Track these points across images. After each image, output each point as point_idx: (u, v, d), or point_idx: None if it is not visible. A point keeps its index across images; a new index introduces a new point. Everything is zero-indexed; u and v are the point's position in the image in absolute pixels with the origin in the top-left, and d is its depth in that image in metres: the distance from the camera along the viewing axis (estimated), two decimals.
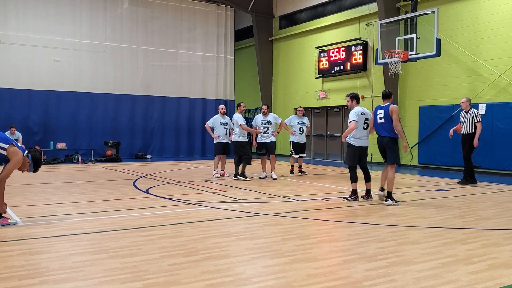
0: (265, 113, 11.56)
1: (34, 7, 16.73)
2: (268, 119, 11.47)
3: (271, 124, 11.44)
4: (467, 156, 10.57)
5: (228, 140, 11.65)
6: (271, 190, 9.27)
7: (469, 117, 10.49)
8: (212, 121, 11.77)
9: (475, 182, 10.57)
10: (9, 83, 16.34)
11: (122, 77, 18.46)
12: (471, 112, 10.49)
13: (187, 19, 19.91)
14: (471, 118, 10.43)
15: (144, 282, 3.69)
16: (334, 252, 4.77)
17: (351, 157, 7.96)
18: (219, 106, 12.05)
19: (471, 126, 10.44)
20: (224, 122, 11.61)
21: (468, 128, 10.48)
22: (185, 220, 6.15)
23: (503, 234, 5.56)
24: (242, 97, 23.05)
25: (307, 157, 18.28)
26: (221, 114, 11.69)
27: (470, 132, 10.44)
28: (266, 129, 11.43)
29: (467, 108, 10.60)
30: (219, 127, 11.60)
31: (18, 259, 4.27)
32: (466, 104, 10.61)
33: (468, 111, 10.57)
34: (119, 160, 17.11)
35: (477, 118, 10.39)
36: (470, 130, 10.45)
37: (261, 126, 11.45)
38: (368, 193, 8.06)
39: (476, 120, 10.39)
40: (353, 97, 8.07)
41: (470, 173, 10.62)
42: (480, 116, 10.49)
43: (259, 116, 11.63)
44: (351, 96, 8.09)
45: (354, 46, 17.41)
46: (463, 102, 10.67)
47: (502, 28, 13.08)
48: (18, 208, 6.95)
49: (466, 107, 10.61)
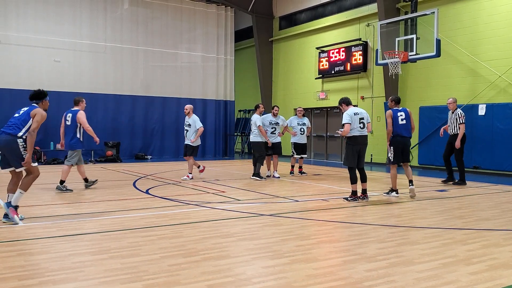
0: (275, 114, 11.77)
1: (34, 7, 16.73)
2: (277, 121, 11.72)
3: (278, 126, 11.71)
4: (457, 158, 10.60)
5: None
6: (271, 191, 9.27)
7: (454, 118, 10.52)
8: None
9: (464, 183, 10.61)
10: (9, 84, 16.32)
11: (122, 77, 18.45)
12: (456, 113, 10.51)
13: (187, 20, 19.91)
14: (456, 119, 10.47)
15: (144, 282, 3.69)
16: (334, 253, 4.77)
17: (350, 157, 8.00)
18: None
19: (456, 126, 10.47)
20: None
21: (454, 128, 10.53)
22: (185, 221, 6.15)
23: (503, 235, 5.56)
24: (242, 97, 23.10)
25: (307, 158, 18.29)
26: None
27: (456, 133, 10.47)
28: (273, 130, 11.63)
29: (454, 108, 10.62)
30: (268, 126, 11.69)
31: (18, 260, 4.27)
32: (452, 105, 10.62)
33: (454, 111, 10.59)
34: (119, 161, 17.11)
35: (460, 120, 10.39)
36: (455, 131, 10.49)
37: (269, 126, 11.61)
38: (364, 193, 8.09)
39: (460, 122, 10.39)
40: (341, 102, 8.30)
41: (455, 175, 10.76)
42: (464, 118, 10.48)
43: (269, 115, 11.77)
44: (340, 102, 8.35)
45: (354, 47, 17.41)
46: (449, 102, 10.68)
47: (502, 28, 13.09)
48: (18, 209, 6.93)
49: (452, 107, 10.63)
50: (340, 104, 8.31)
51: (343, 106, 8.22)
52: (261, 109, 11.55)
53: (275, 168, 11.78)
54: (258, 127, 11.22)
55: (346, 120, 7.92)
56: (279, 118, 11.81)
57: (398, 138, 8.51)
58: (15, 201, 5.96)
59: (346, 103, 8.21)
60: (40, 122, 5.95)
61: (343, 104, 8.22)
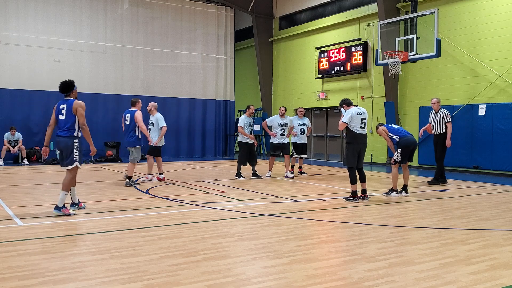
0: (282, 115, 11.83)
1: (34, 8, 16.74)
2: (285, 121, 11.81)
3: (287, 126, 11.82)
4: (440, 157, 10.69)
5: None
6: (271, 191, 9.27)
7: (439, 118, 10.57)
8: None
9: (445, 181, 10.73)
10: (10, 84, 16.34)
11: (122, 77, 18.46)
12: (441, 113, 10.55)
13: (187, 20, 19.91)
14: (441, 118, 10.51)
15: (144, 282, 3.69)
16: (334, 253, 4.77)
17: (351, 158, 8.01)
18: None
19: (441, 126, 10.52)
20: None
21: (439, 128, 10.57)
22: (185, 221, 6.16)
23: (503, 235, 5.57)
24: (242, 97, 23.09)
25: (307, 158, 18.29)
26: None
27: (441, 133, 10.53)
28: (283, 131, 11.72)
29: (437, 108, 10.67)
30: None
31: (18, 260, 4.27)
32: (437, 105, 10.68)
33: (438, 111, 10.63)
34: (119, 161, 17.11)
35: (447, 119, 10.47)
36: (441, 131, 10.54)
37: (279, 128, 11.69)
38: (364, 193, 8.11)
39: (446, 120, 10.46)
40: (342, 104, 8.31)
41: (441, 174, 10.79)
42: (450, 116, 10.56)
43: (277, 117, 11.86)
44: (341, 104, 8.36)
45: (354, 47, 17.41)
46: (433, 102, 10.73)
47: (501, 28, 13.09)
48: (18, 208, 6.95)
49: (436, 107, 10.68)
50: (341, 105, 8.33)
51: (344, 107, 8.24)
52: (251, 110, 11.57)
53: (287, 169, 11.87)
54: (239, 128, 11.27)
55: (345, 120, 7.95)
56: (287, 118, 11.93)
57: (409, 138, 8.70)
58: (60, 202, 6.46)
59: (347, 104, 8.23)
60: (83, 113, 6.52)
61: (344, 105, 8.24)
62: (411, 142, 8.65)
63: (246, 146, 11.37)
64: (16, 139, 15.49)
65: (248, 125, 11.39)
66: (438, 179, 10.73)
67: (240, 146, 11.39)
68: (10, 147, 15.28)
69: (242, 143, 11.38)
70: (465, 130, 13.73)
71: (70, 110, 6.53)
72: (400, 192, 8.72)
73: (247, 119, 11.43)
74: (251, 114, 11.59)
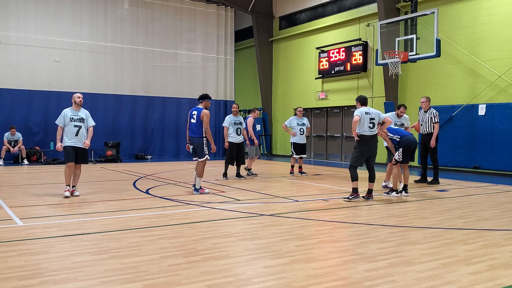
0: (300, 114, 12.26)
1: (34, 8, 16.74)
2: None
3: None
4: (433, 157, 10.65)
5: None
6: (271, 191, 9.27)
7: (428, 117, 10.54)
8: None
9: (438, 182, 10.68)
10: (10, 84, 16.34)
11: (122, 77, 18.46)
12: (430, 112, 10.53)
13: (187, 20, 19.91)
14: (430, 118, 10.48)
15: (144, 282, 3.69)
16: (334, 253, 4.77)
17: (359, 158, 8.05)
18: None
19: (430, 126, 10.50)
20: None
21: (427, 128, 10.56)
22: (185, 221, 6.16)
23: (503, 235, 5.56)
24: (242, 97, 23.08)
25: (307, 158, 18.29)
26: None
27: (430, 132, 10.51)
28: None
29: (427, 107, 10.64)
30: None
31: (18, 260, 4.27)
32: (426, 104, 10.65)
33: (428, 110, 10.61)
34: (119, 161, 17.11)
35: (435, 119, 10.43)
36: (429, 130, 10.53)
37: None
38: (369, 193, 8.09)
39: (434, 121, 10.43)
40: (357, 100, 8.39)
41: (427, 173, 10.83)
42: (438, 117, 10.53)
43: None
44: (356, 99, 8.44)
45: (354, 47, 17.41)
46: (423, 101, 10.69)
47: (501, 28, 13.09)
48: (18, 208, 6.95)
49: (425, 106, 10.65)
50: (356, 101, 8.42)
51: (357, 104, 8.31)
52: (233, 109, 11.77)
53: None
54: (224, 128, 11.39)
55: (355, 113, 8.04)
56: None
57: (410, 137, 8.72)
58: (198, 184, 8.64)
59: (360, 101, 8.25)
60: (207, 120, 8.46)
61: (358, 103, 8.29)
62: (412, 141, 8.66)
63: (233, 146, 11.35)
64: (16, 139, 15.49)
65: (233, 123, 11.40)
66: (437, 179, 10.68)
67: (229, 145, 11.38)
68: (10, 147, 15.28)
69: (230, 143, 11.38)
70: (465, 130, 13.72)
71: (199, 117, 8.48)
72: (400, 192, 8.71)
73: (231, 118, 11.50)
74: (236, 113, 11.66)
